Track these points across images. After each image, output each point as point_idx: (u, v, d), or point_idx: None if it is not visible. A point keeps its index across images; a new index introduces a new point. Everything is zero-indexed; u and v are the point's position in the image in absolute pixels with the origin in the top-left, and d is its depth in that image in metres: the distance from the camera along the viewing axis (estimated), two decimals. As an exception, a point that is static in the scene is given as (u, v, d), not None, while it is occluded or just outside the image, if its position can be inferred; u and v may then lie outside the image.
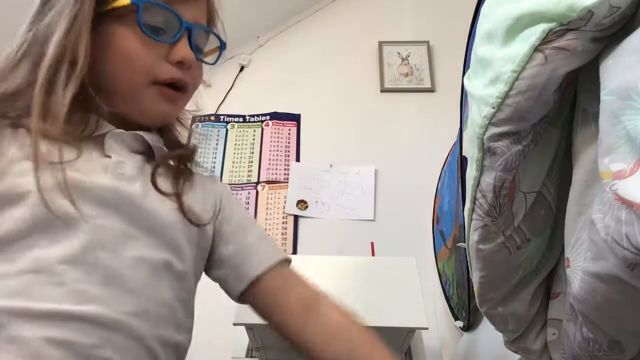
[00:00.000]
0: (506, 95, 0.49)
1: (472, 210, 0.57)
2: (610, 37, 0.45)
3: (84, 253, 0.50)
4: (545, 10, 0.45)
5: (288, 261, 0.68)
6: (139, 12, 0.54)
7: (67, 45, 0.53)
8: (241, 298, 0.66)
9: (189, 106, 0.68)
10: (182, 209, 0.60)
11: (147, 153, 0.62)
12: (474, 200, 0.56)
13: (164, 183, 0.60)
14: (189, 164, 0.67)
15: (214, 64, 0.66)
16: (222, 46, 0.66)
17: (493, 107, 0.50)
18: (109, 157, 0.57)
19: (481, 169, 0.54)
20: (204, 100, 0.70)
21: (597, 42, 0.45)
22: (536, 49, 0.46)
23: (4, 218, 0.48)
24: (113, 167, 0.56)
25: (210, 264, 0.67)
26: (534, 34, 0.46)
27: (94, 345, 0.47)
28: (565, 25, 0.44)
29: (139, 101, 0.58)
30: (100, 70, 0.56)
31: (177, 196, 0.61)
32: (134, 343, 0.51)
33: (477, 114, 0.53)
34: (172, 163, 0.65)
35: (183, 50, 0.58)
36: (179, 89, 0.60)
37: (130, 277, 0.52)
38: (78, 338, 0.47)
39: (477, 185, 0.55)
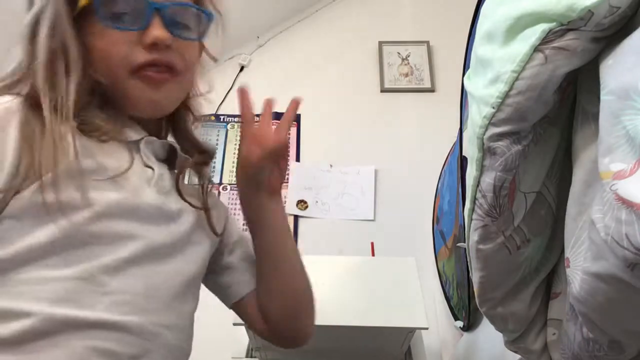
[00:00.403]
0: (506, 95, 0.49)
1: (472, 210, 0.57)
2: (610, 37, 0.45)
3: (130, 265, 0.51)
4: (545, 10, 0.45)
5: None
6: (97, 8, 0.53)
7: (55, 40, 0.52)
8: (240, 303, 0.69)
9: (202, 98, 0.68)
10: (210, 222, 0.63)
11: (168, 159, 0.63)
12: (474, 200, 0.56)
13: (189, 195, 0.62)
14: (205, 170, 0.68)
15: (199, 39, 0.61)
16: (207, 17, 0.61)
17: (493, 107, 0.50)
18: (151, 168, 0.57)
19: (481, 169, 0.54)
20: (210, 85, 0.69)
21: (597, 42, 0.45)
22: (536, 48, 0.46)
23: (51, 227, 0.47)
24: (156, 181, 0.57)
25: (213, 270, 0.69)
26: (534, 34, 0.46)
27: (136, 355, 0.49)
28: (565, 25, 0.44)
29: (126, 94, 0.56)
30: (93, 71, 0.56)
31: (206, 210, 0.63)
32: (168, 355, 0.53)
33: (477, 114, 0.53)
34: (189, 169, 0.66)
35: (155, 31, 0.54)
36: (165, 72, 0.57)
37: (167, 290, 0.54)
38: (122, 348, 0.48)
39: (477, 185, 0.55)
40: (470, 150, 0.56)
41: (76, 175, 0.49)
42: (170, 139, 0.66)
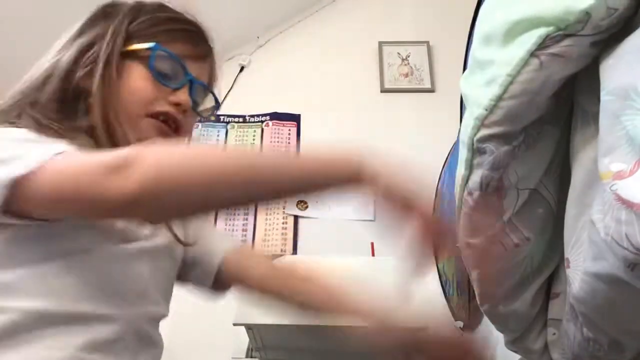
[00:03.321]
0: (499, 98, 0.49)
1: (460, 208, 0.57)
2: (609, 38, 0.45)
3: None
4: (543, 14, 0.45)
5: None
6: (152, 58, 0.63)
7: (85, 77, 0.61)
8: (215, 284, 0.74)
9: None
10: (176, 237, 0.67)
11: None
12: (462, 199, 0.57)
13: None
14: None
15: (207, 118, 0.76)
16: (217, 105, 0.74)
17: (486, 109, 0.50)
18: None
19: (470, 168, 0.55)
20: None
21: (594, 46, 0.45)
22: (532, 54, 0.46)
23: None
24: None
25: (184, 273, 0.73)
26: (531, 38, 0.46)
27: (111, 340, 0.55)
28: (562, 30, 0.44)
29: (135, 129, 0.63)
30: (110, 100, 0.61)
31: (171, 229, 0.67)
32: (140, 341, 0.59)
33: (470, 115, 0.53)
34: None
35: (183, 95, 0.65)
36: (172, 128, 0.65)
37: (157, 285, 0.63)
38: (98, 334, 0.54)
39: (465, 185, 0.56)
40: (461, 151, 0.56)
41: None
42: None
